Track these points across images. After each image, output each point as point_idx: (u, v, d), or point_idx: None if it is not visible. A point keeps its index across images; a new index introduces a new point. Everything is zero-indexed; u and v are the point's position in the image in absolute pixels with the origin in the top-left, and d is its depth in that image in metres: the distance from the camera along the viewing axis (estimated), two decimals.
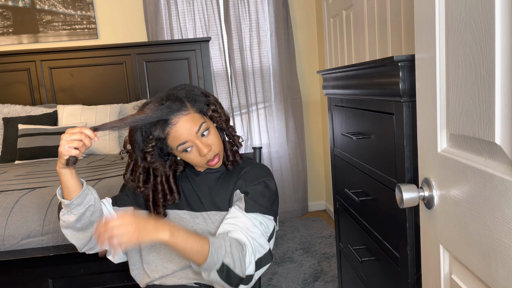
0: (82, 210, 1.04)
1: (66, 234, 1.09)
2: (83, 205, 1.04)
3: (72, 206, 1.03)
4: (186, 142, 1.04)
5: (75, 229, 1.07)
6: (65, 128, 2.65)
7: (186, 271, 1.12)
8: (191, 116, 1.05)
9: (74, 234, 1.08)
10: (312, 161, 3.61)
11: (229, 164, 1.16)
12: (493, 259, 0.58)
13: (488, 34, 0.56)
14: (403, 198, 0.77)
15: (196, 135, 1.05)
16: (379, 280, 1.25)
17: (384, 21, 1.98)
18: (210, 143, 1.07)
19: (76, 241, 1.09)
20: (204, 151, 1.05)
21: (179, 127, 1.03)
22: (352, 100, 1.35)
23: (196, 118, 1.06)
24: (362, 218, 1.36)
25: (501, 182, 0.55)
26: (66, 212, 1.05)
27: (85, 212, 1.05)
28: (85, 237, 1.09)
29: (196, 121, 1.05)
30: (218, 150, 1.09)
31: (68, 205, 1.03)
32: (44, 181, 1.91)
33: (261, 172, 1.15)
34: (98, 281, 1.60)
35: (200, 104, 1.10)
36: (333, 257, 2.61)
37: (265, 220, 1.07)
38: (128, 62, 3.15)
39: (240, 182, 1.13)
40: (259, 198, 1.07)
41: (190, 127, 1.04)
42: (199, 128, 1.05)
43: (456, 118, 0.67)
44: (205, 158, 1.07)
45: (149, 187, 1.12)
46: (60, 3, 3.18)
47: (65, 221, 1.05)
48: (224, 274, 0.95)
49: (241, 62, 3.31)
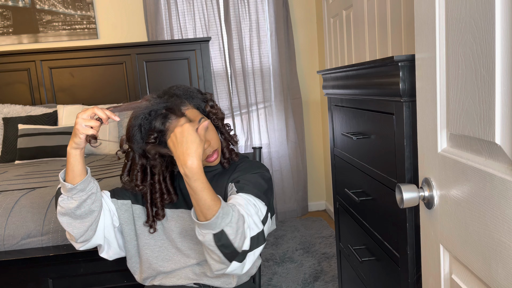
0: (84, 197, 1.02)
1: (63, 221, 1.05)
2: (86, 191, 1.03)
3: (75, 191, 1.01)
4: None
5: (73, 217, 1.04)
6: (65, 128, 2.65)
7: (185, 271, 1.12)
8: (190, 111, 1.08)
9: (71, 222, 1.04)
10: (312, 161, 3.61)
11: (225, 162, 1.17)
12: (493, 259, 0.58)
13: (488, 34, 0.56)
14: (403, 198, 0.77)
15: None
16: (379, 280, 1.25)
17: (384, 21, 1.98)
18: (209, 138, 1.08)
19: (72, 229, 1.05)
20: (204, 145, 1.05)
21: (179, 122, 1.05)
22: (352, 100, 1.35)
23: (195, 113, 1.08)
24: (362, 218, 1.36)
25: (501, 182, 0.55)
26: (67, 197, 1.02)
27: (87, 200, 1.03)
28: (82, 226, 1.05)
29: (195, 116, 1.08)
30: (217, 146, 1.10)
31: (70, 190, 1.00)
32: (44, 181, 1.91)
33: (256, 165, 1.15)
34: (98, 281, 1.60)
35: (197, 100, 1.12)
36: (333, 257, 2.61)
37: (257, 203, 1.02)
38: (128, 62, 3.15)
39: (235, 175, 1.12)
40: (251, 184, 1.05)
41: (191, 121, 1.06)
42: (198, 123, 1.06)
43: (456, 118, 0.67)
44: (204, 154, 1.07)
45: (147, 185, 1.11)
46: (60, 3, 3.18)
47: (64, 207, 1.02)
48: (220, 241, 0.90)
49: (241, 62, 3.31)
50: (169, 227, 1.13)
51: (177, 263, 1.12)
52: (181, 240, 1.12)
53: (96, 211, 1.06)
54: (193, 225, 1.11)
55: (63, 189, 1.02)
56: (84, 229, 1.06)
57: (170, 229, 1.13)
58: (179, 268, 1.12)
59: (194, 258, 1.12)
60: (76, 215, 1.03)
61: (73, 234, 1.06)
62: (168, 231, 1.13)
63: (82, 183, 1.01)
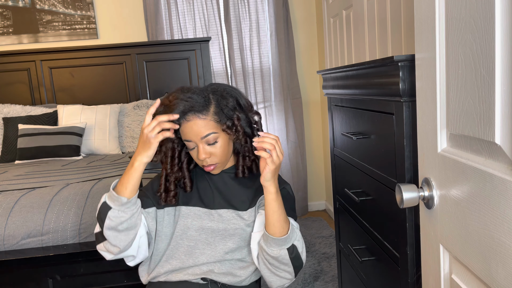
0: (135, 210, 1.05)
1: (109, 235, 1.05)
2: (137, 205, 1.06)
3: (129, 205, 1.03)
4: (190, 141, 1.07)
5: (119, 230, 1.04)
6: (65, 128, 2.65)
7: (192, 268, 1.12)
8: (206, 122, 1.05)
9: (116, 235, 1.05)
10: (312, 161, 3.61)
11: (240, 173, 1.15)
12: (493, 259, 0.58)
13: (488, 34, 0.56)
14: (403, 198, 0.77)
15: (201, 140, 1.06)
16: (379, 280, 1.25)
17: (384, 21, 1.98)
18: (212, 152, 1.07)
19: (119, 242, 1.06)
20: (202, 156, 1.06)
21: (189, 126, 1.05)
22: (352, 100, 1.35)
23: (210, 126, 1.05)
24: (362, 218, 1.36)
25: (501, 182, 0.55)
26: (118, 211, 1.03)
27: (135, 213, 1.05)
28: (127, 239, 1.06)
29: (208, 128, 1.05)
30: (218, 161, 1.09)
31: (125, 203, 1.02)
32: (44, 181, 1.92)
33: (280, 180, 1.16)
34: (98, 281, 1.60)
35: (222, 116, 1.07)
36: (333, 257, 2.61)
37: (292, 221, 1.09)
38: (128, 62, 3.15)
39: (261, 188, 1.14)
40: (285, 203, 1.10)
41: (199, 131, 1.05)
42: (206, 136, 1.05)
43: (456, 118, 0.67)
44: (200, 162, 1.09)
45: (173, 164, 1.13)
46: (60, 3, 3.18)
47: (114, 220, 1.03)
48: (293, 254, 1.01)
49: (241, 62, 3.31)
50: (185, 224, 1.14)
51: (185, 263, 1.12)
52: (196, 239, 1.13)
53: (139, 224, 1.08)
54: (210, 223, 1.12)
55: (115, 202, 1.03)
56: (129, 241, 1.07)
57: (186, 226, 1.14)
58: (187, 266, 1.12)
59: (203, 259, 1.12)
60: (122, 228, 1.05)
61: (119, 246, 1.06)
62: (183, 228, 1.14)
63: (136, 196, 1.05)
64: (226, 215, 1.12)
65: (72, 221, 1.63)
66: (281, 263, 1.01)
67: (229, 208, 1.13)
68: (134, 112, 2.90)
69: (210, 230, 1.12)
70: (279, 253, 1.00)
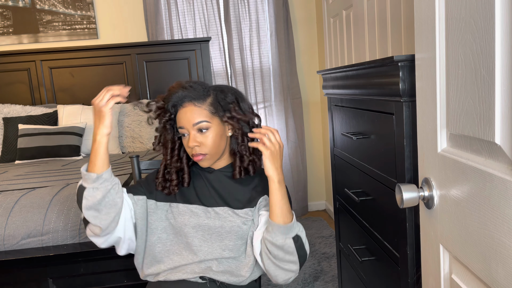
0: (109, 187, 1.05)
1: (89, 215, 1.05)
2: (110, 181, 1.06)
3: (101, 181, 1.03)
4: (182, 128, 1.10)
5: (98, 209, 1.05)
6: (65, 128, 2.65)
7: (191, 266, 1.12)
8: (200, 110, 1.09)
9: (96, 215, 1.05)
10: (312, 161, 3.61)
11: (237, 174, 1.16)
12: (493, 259, 0.58)
13: (488, 34, 0.56)
14: (403, 198, 0.77)
15: (193, 127, 1.09)
16: (379, 280, 1.25)
17: (384, 21, 1.98)
18: (202, 141, 1.10)
19: (100, 221, 1.06)
20: (191, 143, 1.09)
21: (184, 112, 1.09)
22: (352, 100, 1.35)
23: (203, 114, 1.09)
24: (362, 218, 1.36)
25: (501, 182, 0.55)
26: (92, 188, 1.04)
27: (111, 190, 1.05)
28: (108, 218, 1.06)
29: (201, 116, 1.09)
30: (207, 152, 1.11)
31: (96, 179, 1.03)
32: (44, 181, 1.92)
33: None
34: (98, 281, 1.60)
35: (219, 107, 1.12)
36: (333, 257, 2.61)
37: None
38: (128, 62, 3.15)
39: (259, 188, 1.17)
40: None
41: (192, 117, 1.09)
42: (197, 123, 1.08)
43: (456, 118, 0.67)
44: (190, 150, 1.12)
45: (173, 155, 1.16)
46: (60, 3, 3.18)
47: (89, 199, 1.04)
48: (298, 244, 1.06)
49: (241, 62, 3.31)
50: (182, 221, 1.14)
51: (185, 259, 1.13)
52: (193, 236, 1.13)
53: (119, 203, 1.08)
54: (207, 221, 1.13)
55: (88, 181, 1.04)
56: (110, 220, 1.07)
57: (183, 223, 1.14)
58: (185, 264, 1.13)
59: (201, 255, 1.13)
60: (101, 206, 1.05)
61: (100, 225, 1.06)
62: (180, 225, 1.14)
63: (108, 172, 1.05)
64: (222, 213, 1.14)
65: (72, 221, 1.63)
66: (287, 253, 1.04)
67: (224, 205, 1.15)
68: (134, 112, 2.90)
69: (207, 227, 1.13)
70: (284, 242, 1.03)
